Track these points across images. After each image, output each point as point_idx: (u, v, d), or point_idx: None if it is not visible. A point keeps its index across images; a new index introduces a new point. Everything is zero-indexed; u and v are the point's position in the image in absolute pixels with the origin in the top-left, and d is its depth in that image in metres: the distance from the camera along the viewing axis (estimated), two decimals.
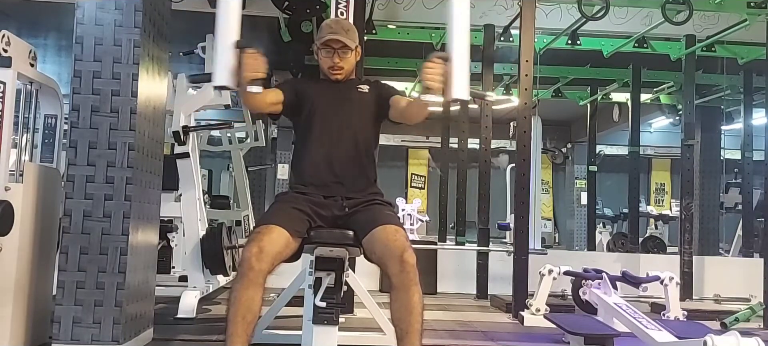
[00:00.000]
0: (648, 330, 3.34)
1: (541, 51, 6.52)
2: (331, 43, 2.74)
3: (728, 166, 8.99)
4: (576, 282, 4.40)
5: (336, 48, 2.74)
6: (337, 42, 2.74)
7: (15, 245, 3.07)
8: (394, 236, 2.44)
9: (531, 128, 5.06)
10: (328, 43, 2.75)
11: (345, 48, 2.75)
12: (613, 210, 11.91)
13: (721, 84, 8.11)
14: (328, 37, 2.74)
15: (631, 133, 7.94)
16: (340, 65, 2.76)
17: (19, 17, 7.65)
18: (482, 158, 6.30)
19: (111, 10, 3.12)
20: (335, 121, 2.73)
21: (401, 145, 14.01)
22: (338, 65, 2.76)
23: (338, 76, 2.78)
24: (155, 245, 3.61)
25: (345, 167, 2.70)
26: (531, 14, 5.05)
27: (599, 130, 9.86)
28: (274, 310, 3.53)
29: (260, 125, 7.40)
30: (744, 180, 7.78)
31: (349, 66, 2.79)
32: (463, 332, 4.40)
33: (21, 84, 3.33)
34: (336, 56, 2.75)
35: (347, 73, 2.81)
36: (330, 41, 2.74)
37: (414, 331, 2.37)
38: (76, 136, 3.06)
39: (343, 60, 2.76)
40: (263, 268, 2.36)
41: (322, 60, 2.79)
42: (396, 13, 6.33)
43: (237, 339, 2.31)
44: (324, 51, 2.77)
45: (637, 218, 8.26)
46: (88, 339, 2.98)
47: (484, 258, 6.26)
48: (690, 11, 5.40)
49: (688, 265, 6.11)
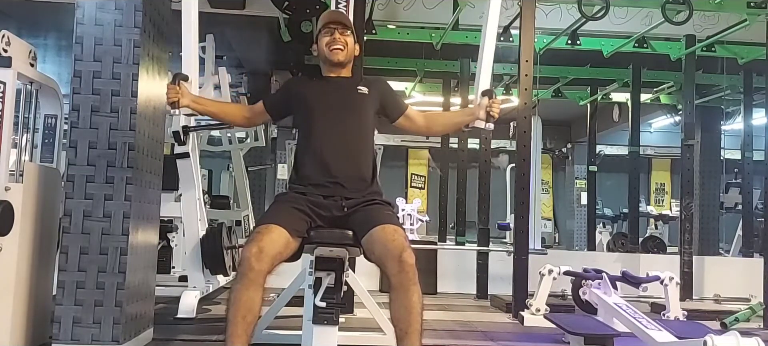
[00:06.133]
0: (648, 330, 3.34)
1: (541, 51, 6.52)
2: (331, 24, 2.80)
3: (728, 166, 8.98)
4: (576, 282, 4.40)
5: (335, 26, 2.79)
6: (336, 22, 2.80)
7: (15, 245, 3.07)
8: (393, 236, 2.45)
9: (531, 128, 5.06)
10: (327, 24, 2.80)
11: (344, 28, 2.79)
12: (613, 210, 11.91)
13: (721, 84, 8.11)
14: (328, 19, 2.81)
15: (631, 133, 7.94)
16: (341, 41, 2.78)
17: (19, 17, 7.65)
18: (482, 158, 6.30)
19: (111, 10, 3.12)
20: (334, 123, 2.74)
21: (401, 146, 14.00)
22: (340, 41, 2.78)
23: (339, 55, 2.79)
24: (155, 245, 3.61)
25: (343, 169, 2.70)
26: (531, 14, 5.05)
27: (599, 130, 9.86)
28: (274, 310, 3.53)
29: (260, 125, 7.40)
30: (744, 180, 7.79)
31: (349, 47, 2.81)
32: (463, 332, 4.40)
33: (21, 84, 3.33)
34: (336, 33, 2.78)
35: (348, 54, 2.82)
36: (330, 22, 2.80)
37: (414, 331, 2.37)
38: (76, 136, 3.06)
39: (344, 37, 2.79)
40: (263, 268, 2.36)
41: (322, 42, 2.81)
42: (396, 13, 6.33)
43: (237, 339, 2.31)
44: (324, 32, 2.80)
45: (637, 218, 8.26)
46: (88, 339, 2.98)
47: (484, 258, 6.26)
48: (690, 11, 5.39)
49: (688, 265, 6.11)
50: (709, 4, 5.68)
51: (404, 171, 15.19)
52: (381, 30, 6.43)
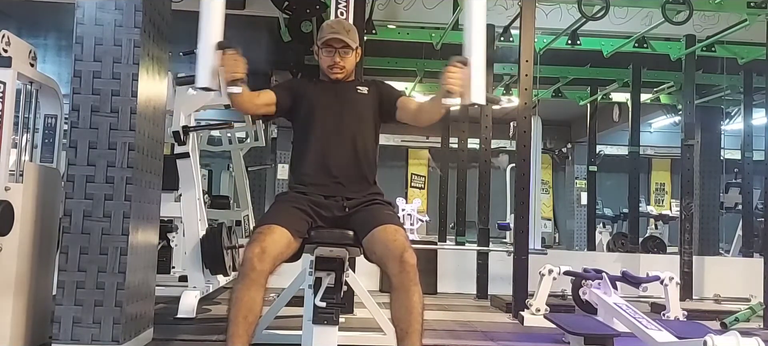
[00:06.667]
0: (648, 330, 3.34)
1: (541, 51, 6.52)
2: (333, 43, 2.74)
3: (728, 166, 8.99)
4: (576, 282, 4.40)
5: (337, 47, 2.74)
6: (339, 41, 2.74)
7: (15, 245, 3.07)
8: (393, 236, 2.44)
9: (531, 128, 5.06)
10: (329, 42, 2.75)
11: (346, 47, 2.75)
12: (613, 210, 11.91)
13: (721, 84, 8.11)
14: (329, 37, 2.74)
15: (631, 133, 7.94)
16: (341, 65, 2.76)
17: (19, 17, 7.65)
18: (482, 158, 6.30)
19: (111, 10, 3.12)
20: (334, 123, 2.73)
21: (401, 145, 14.01)
22: (339, 65, 2.76)
23: (338, 76, 2.78)
24: (155, 245, 3.61)
25: (344, 169, 2.69)
26: (531, 14, 5.05)
27: (599, 130, 9.86)
28: (274, 310, 3.53)
29: (260, 125, 7.39)
30: (744, 180, 7.79)
31: (349, 66, 2.79)
32: (463, 332, 4.40)
33: (21, 84, 3.33)
34: (337, 55, 2.75)
35: (347, 73, 2.81)
36: (331, 40, 2.74)
37: (414, 331, 2.37)
38: (76, 136, 3.06)
39: (344, 59, 2.76)
40: (265, 268, 2.36)
41: (323, 59, 2.79)
42: (396, 13, 6.33)
43: (238, 339, 2.31)
44: (325, 50, 2.77)
45: (637, 218, 8.27)
46: (88, 339, 2.98)
47: (484, 258, 6.26)
48: (690, 11, 5.40)
49: (688, 265, 6.11)
50: (709, 4, 5.68)
51: (404, 171, 15.19)
52: (381, 30, 6.43)
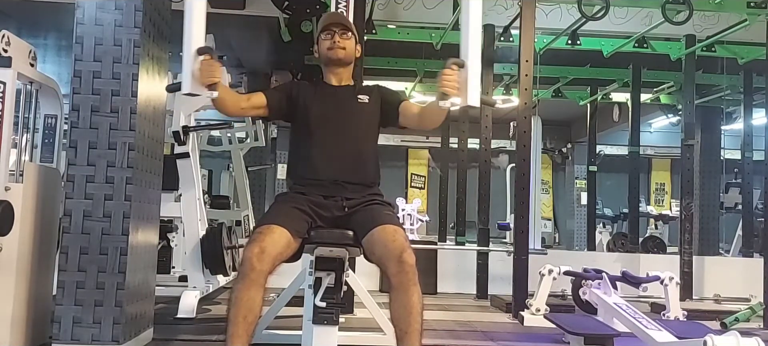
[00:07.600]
0: (648, 330, 3.34)
1: (541, 51, 6.52)
2: (332, 26, 2.78)
3: (728, 166, 8.99)
4: (576, 282, 4.40)
5: (336, 30, 2.77)
6: (338, 24, 2.78)
7: (15, 245, 3.07)
8: (393, 237, 2.45)
9: (531, 128, 5.06)
10: (328, 26, 2.78)
11: (345, 30, 2.78)
12: (613, 210, 11.92)
13: (721, 84, 8.11)
14: (328, 22, 2.79)
15: (631, 133, 7.94)
16: (340, 44, 2.76)
17: (19, 17, 7.66)
18: (482, 158, 6.30)
19: (111, 10, 3.12)
20: (335, 130, 2.72)
21: (401, 145, 14.02)
22: (339, 44, 2.76)
23: (339, 54, 2.77)
24: (155, 245, 3.61)
25: (344, 168, 2.69)
26: (531, 14, 5.04)
27: (599, 130, 9.86)
28: (274, 310, 3.53)
29: (260, 125, 7.39)
30: (744, 180, 7.79)
31: (349, 48, 2.79)
32: (463, 332, 4.40)
33: (21, 84, 3.33)
34: (336, 36, 2.76)
35: (347, 56, 2.80)
36: (330, 24, 2.78)
37: (413, 331, 2.37)
38: (76, 136, 3.06)
39: (343, 40, 2.77)
40: (265, 268, 2.36)
41: (322, 44, 2.79)
42: (396, 13, 6.34)
43: (238, 339, 2.31)
44: (324, 34, 2.78)
45: (637, 218, 8.27)
46: (88, 339, 2.98)
47: (484, 258, 6.26)
48: (690, 11, 5.39)
49: (688, 265, 6.11)
50: (709, 4, 5.68)
51: (404, 171, 15.20)
52: (381, 30, 6.44)
